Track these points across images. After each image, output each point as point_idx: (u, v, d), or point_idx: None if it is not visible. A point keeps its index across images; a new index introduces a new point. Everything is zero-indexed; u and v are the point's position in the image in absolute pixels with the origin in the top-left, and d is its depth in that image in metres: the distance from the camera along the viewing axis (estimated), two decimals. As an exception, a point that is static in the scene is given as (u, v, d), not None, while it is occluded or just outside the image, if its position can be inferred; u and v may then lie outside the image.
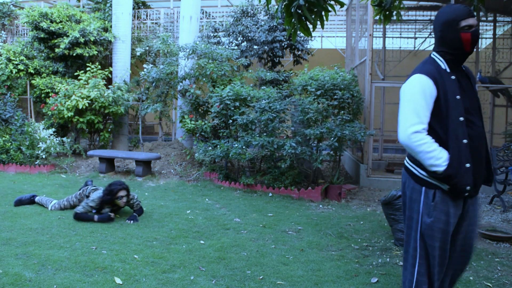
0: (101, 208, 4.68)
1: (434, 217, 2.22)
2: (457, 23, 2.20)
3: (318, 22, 2.99)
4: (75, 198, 5.05)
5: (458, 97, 2.21)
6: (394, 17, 3.51)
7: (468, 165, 2.18)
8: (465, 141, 2.17)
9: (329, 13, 2.95)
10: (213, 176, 7.05)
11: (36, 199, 5.31)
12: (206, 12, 11.43)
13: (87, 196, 4.91)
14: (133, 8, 10.75)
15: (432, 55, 2.33)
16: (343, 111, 6.44)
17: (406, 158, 2.41)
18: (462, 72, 2.31)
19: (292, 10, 2.80)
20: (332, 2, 2.98)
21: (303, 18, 2.89)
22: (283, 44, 8.65)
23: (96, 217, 4.59)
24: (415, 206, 2.30)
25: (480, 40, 9.84)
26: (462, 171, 2.16)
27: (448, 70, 2.26)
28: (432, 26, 10.42)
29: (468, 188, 2.18)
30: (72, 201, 5.06)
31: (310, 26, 3.01)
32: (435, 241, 2.25)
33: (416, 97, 2.19)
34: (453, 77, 2.24)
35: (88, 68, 8.78)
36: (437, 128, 2.22)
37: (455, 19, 2.21)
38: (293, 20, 2.88)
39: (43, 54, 9.74)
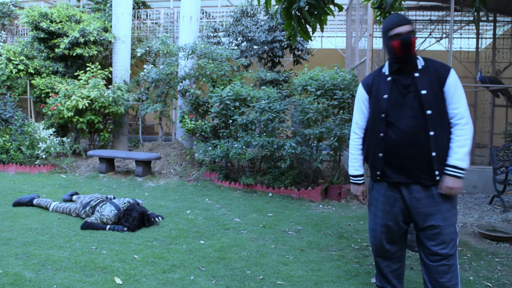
0: (115, 223, 4.50)
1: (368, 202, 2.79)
2: (386, 32, 2.49)
3: (318, 26, 2.98)
4: (83, 214, 4.69)
5: (385, 96, 2.51)
6: None
7: (380, 154, 2.52)
8: (381, 134, 2.50)
9: (328, 16, 2.95)
10: (213, 176, 7.05)
11: (35, 201, 5.21)
12: (206, 12, 11.43)
13: (93, 207, 4.65)
14: (133, 8, 10.76)
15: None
16: (343, 111, 6.44)
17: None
18: (407, 76, 2.49)
19: (292, 13, 2.79)
20: (331, 6, 2.97)
21: (302, 21, 2.87)
22: (283, 44, 8.65)
23: (108, 227, 4.38)
24: None
25: (480, 40, 9.82)
26: (375, 159, 2.56)
27: (386, 73, 2.56)
28: (432, 26, 10.45)
29: (378, 172, 2.55)
30: (80, 213, 4.76)
31: (310, 29, 3.00)
32: (369, 221, 2.79)
33: (356, 103, 2.72)
34: (389, 78, 2.53)
35: (88, 68, 8.78)
36: (366, 127, 2.68)
37: (385, 30, 2.50)
38: (292, 23, 2.87)
39: (43, 54, 9.74)
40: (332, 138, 5.99)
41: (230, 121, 6.72)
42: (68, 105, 7.90)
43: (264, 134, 6.34)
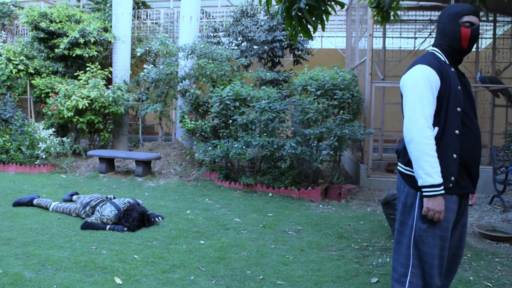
0: (115, 223, 4.50)
1: (429, 222, 2.16)
2: (460, 16, 2.22)
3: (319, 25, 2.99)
4: (83, 214, 4.68)
5: (459, 87, 2.20)
6: (392, 18, 3.52)
7: (455, 156, 2.15)
8: (457, 131, 2.16)
9: (329, 15, 2.95)
10: (213, 176, 7.05)
11: (35, 201, 5.21)
12: (206, 12, 11.43)
13: (93, 207, 4.65)
14: (133, 8, 10.75)
15: (430, 50, 2.34)
16: (343, 111, 6.44)
17: (399, 162, 2.35)
18: (460, 71, 2.31)
19: (293, 14, 2.79)
20: (332, 3, 2.97)
21: (303, 20, 2.87)
22: (283, 44, 8.65)
23: (108, 227, 4.38)
24: (411, 211, 2.24)
25: (480, 40, 9.82)
26: (449, 161, 2.14)
27: (447, 62, 2.26)
28: (432, 26, 10.45)
29: (452, 178, 2.14)
30: (80, 213, 4.75)
31: (311, 29, 3.00)
32: (433, 248, 2.16)
33: (423, 88, 2.15)
34: (452, 69, 2.24)
35: (88, 68, 8.78)
36: (435, 122, 2.18)
37: (459, 13, 2.22)
38: (293, 22, 2.87)
39: (43, 54, 9.74)
40: (332, 138, 5.99)
41: (230, 121, 6.72)
42: (68, 105, 7.90)
43: (264, 134, 6.34)
